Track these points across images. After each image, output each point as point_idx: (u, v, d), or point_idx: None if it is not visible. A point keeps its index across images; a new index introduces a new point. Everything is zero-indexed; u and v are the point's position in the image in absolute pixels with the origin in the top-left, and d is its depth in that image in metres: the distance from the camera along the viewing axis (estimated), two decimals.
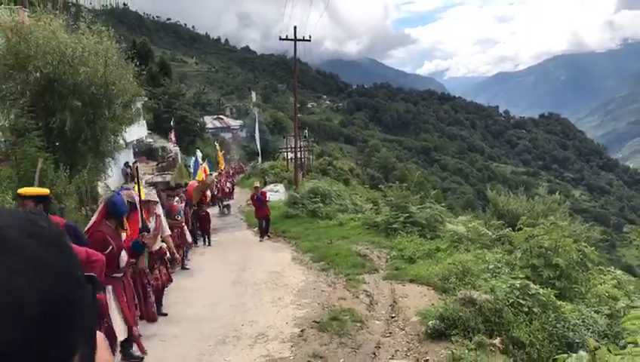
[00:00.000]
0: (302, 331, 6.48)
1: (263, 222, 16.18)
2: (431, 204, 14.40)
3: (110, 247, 5.07)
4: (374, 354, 5.69)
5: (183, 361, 5.68)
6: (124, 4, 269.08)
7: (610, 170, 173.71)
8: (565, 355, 3.27)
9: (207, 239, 15.61)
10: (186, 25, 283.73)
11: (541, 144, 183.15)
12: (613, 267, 10.32)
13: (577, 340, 5.41)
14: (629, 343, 3.06)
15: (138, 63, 19.23)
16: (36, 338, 0.51)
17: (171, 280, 8.04)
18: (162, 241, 7.74)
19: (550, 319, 5.90)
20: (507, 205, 19.56)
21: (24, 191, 4.78)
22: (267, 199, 16.81)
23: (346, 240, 13.17)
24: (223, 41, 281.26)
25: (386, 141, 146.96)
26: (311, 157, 51.19)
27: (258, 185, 18.24)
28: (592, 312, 6.11)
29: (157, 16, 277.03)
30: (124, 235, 5.62)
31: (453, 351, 5.35)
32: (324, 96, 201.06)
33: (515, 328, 5.80)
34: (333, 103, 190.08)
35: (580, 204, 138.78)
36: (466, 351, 5.31)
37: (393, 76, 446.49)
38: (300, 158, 41.24)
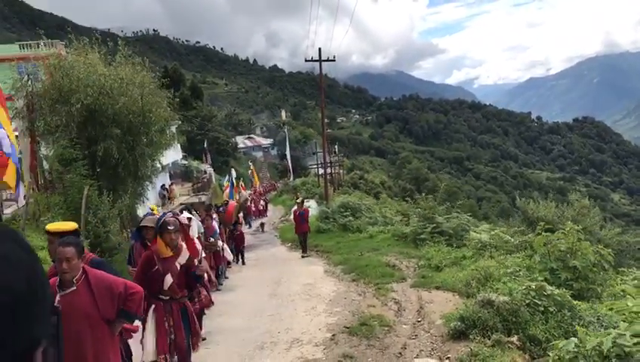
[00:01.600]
0: (333, 335, 7.03)
1: (303, 237, 16.39)
2: (457, 214, 14.79)
3: (155, 267, 5.17)
4: (400, 353, 6.18)
5: None
6: (155, 30, 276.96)
7: None
8: (560, 341, 3.73)
9: (241, 258, 16.05)
10: (214, 47, 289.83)
11: (576, 148, 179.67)
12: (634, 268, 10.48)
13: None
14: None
15: (171, 89, 20.26)
16: (1, 325, 0.55)
17: (212, 303, 7.92)
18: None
19: (566, 317, 6.29)
20: (536, 212, 19.69)
21: (52, 227, 4.73)
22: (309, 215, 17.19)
23: (375, 252, 13.67)
24: (251, 61, 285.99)
25: (418, 152, 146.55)
26: (341, 171, 51.77)
27: (300, 201, 18.45)
28: (606, 309, 6.45)
29: (186, 40, 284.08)
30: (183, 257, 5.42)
31: (472, 348, 5.80)
32: (353, 111, 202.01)
33: (532, 326, 6.20)
34: (362, 117, 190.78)
35: (619, 208, 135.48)
36: (484, 348, 5.75)
37: (422, 87, 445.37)
38: (331, 174, 41.90)
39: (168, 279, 5.22)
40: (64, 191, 15.02)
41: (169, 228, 5.28)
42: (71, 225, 4.79)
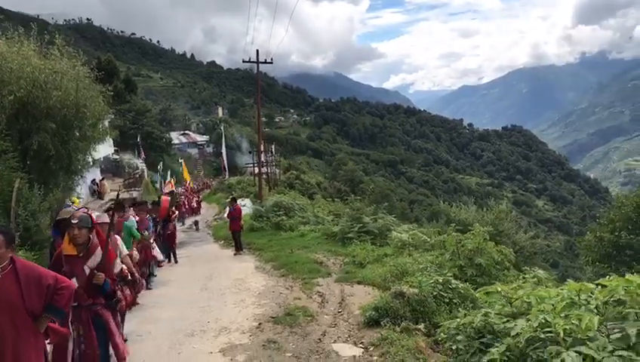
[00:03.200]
0: (259, 324, 7.58)
1: (237, 235, 16.47)
2: (383, 215, 15.66)
3: (63, 269, 4.63)
4: (320, 339, 6.80)
5: (158, 350, 6.69)
6: (88, 19, 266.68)
7: (572, 181, 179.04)
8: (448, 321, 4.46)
9: (174, 257, 15.62)
10: (150, 40, 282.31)
11: (505, 156, 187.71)
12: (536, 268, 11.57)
13: None
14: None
15: (105, 82, 20.02)
16: None
17: (137, 303, 7.84)
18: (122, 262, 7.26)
19: (468, 308, 7.11)
20: (458, 215, 21.01)
21: None
22: (242, 214, 17.31)
23: (305, 250, 14.31)
24: (189, 55, 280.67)
25: (354, 154, 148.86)
26: (277, 171, 52.21)
27: (230, 199, 18.53)
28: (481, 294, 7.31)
29: (121, 32, 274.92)
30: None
31: (383, 334, 6.51)
32: (292, 110, 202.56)
33: (437, 315, 6.98)
34: (300, 117, 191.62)
35: (543, 213, 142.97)
36: (394, 333, 6.47)
37: (360, 90, 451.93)
38: (267, 173, 42.26)
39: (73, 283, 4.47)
40: None
41: (72, 221, 4.78)
42: None
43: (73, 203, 6.91)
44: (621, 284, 3.15)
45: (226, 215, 18.69)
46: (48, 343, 4.08)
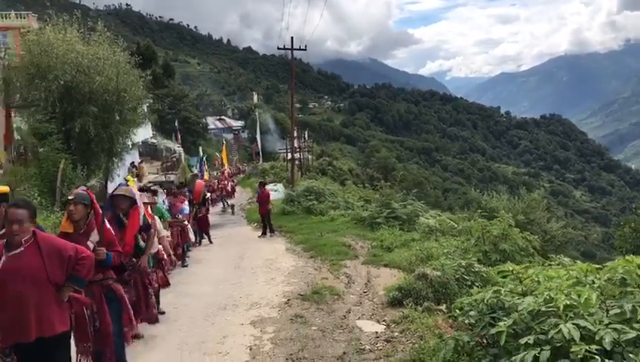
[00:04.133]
0: (288, 300, 7.97)
1: (265, 218, 16.74)
2: (412, 201, 15.86)
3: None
4: (344, 316, 7.14)
5: (194, 321, 7.15)
6: (127, 5, 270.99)
7: (612, 171, 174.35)
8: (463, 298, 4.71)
9: (207, 237, 15.89)
10: (188, 25, 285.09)
11: (542, 145, 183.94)
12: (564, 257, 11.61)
13: None
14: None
15: (143, 67, 20.66)
16: None
17: (169, 284, 8.11)
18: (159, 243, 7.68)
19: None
20: (489, 203, 20.93)
21: None
22: (270, 198, 17.65)
23: (334, 234, 14.65)
24: (225, 41, 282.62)
25: (387, 141, 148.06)
26: (310, 157, 52.65)
27: (262, 182, 18.90)
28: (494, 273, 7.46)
29: (160, 17, 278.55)
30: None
31: (405, 312, 6.80)
32: (326, 97, 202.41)
33: (459, 297, 7.21)
34: (334, 104, 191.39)
35: (580, 204, 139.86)
36: (415, 313, 6.75)
37: (395, 76, 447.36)
38: (299, 159, 42.74)
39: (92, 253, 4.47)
40: (39, 163, 15.55)
41: (69, 197, 4.83)
42: (3, 188, 4.77)
43: (128, 181, 7.29)
44: (621, 264, 3.36)
45: (255, 199, 19.18)
46: (72, 311, 4.15)
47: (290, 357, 5.59)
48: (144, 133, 36.91)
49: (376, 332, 6.37)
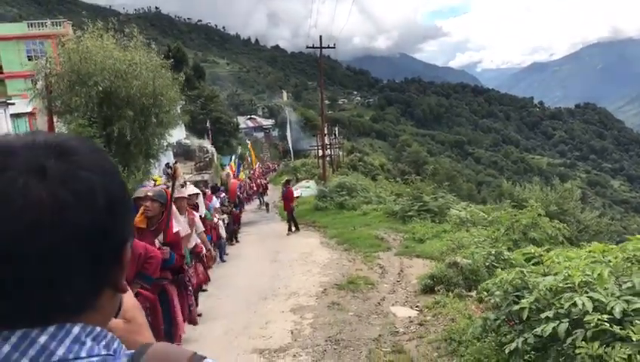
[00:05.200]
0: (324, 290, 8.38)
1: (290, 215, 17.18)
2: (443, 194, 16.10)
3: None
4: (379, 303, 7.51)
5: (237, 309, 7.63)
6: (156, 8, 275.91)
7: None
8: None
9: (234, 237, 15.94)
10: (216, 26, 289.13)
11: (578, 135, 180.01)
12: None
13: None
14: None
15: (175, 69, 21.27)
16: (103, 222, 0.67)
17: (209, 279, 8.12)
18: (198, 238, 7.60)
19: None
20: (521, 194, 20.96)
21: None
22: (294, 195, 18.04)
23: (367, 227, 15.03)
24: (253, 40, 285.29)
25: (418, 135, 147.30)
26: (341, 153, 52.96)
27: (284, 181, 19.53)
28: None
29: (188, 18, 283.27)
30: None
31: (437, 298, 7.13)
32: (355, 93, 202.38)
33: None
34: (364, 99, 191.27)
35: (619, 194, 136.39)
36: (447, 299, 7.07)
37: (425, 70, 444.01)
38: (330, 155, 43.11)
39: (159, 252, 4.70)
40: None
41: (148, 194, 5.03)
42: None
43: (156, 181, 7.44)
44: (632, 243, 3.64)
45: (280, 197, 19.71)
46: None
47: (329, 339, 5.99)
48: (178, 134, 37.83)
49: (410, 317, 6.72)
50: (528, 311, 3.89)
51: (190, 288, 6.27)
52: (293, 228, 16.89)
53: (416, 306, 7.25)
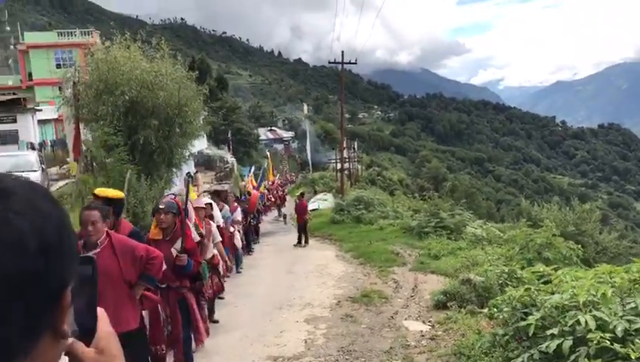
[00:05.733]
0: (338, 302, 8.56)
1: (302, 228, 17.39)
2: (460, 211, 16.17)
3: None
4: (392, 317, 7.65)
5: (253, 318, 7.84)
6: (182, 19, 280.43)
7: None
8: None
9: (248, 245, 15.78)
10: (240, 38, 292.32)
11: (600, 155, 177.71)
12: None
13: None
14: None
15: (198, 80, 21.65)
16: (35, 267, 0.65)
17: (223, 289, 8.15)
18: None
19: None
20: (539, 214, 20.90)
21: (99, 191, 4.80)
22: (307, 209, 18.29)
23: (383, 242, 15.16)
24: (276, 53, 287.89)
25: (438, 151, 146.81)
26: (359, 167, 53.15)
27: (298, 194, 19.95)
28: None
29: (213, 30, 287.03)
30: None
31: (449, 314, 7.25)
32: (376, 107, 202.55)
33: None
34: (384, 113, 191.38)
35: None
36: (459, 315, 7.19)
37: (446, 86, 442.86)
38: (348, 169, 43.33)
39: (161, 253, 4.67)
40: (107, 173, 16.74)
41: (160, 207, 5.10)
42: (117, 193, 4.83)
43: (189, 193, 7.15)
44: (636, 265, 3.76)
45: (293, 209, 19.94)
46: (142, 309, 4.40)
47: (341, 350, 6.16)
48: (200, 144, 38.30)
49: (422, 331, 6.86)
50: (535, 328, 4.02)
51: (203, 301, 6.34)
52: (303, 241, 17.02)
53: (429, 321, 7.38)
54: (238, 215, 13.62)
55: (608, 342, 3.28)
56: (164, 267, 4.48)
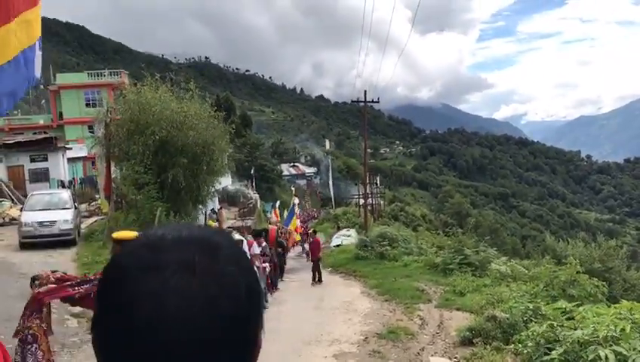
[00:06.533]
0: (365, 338, 8.72)
1: (315, 265, 17.58)
2: (484, 248, 16.25)
3: None
4: (419, 353, 7.80)
5: (282, 353, 8.02)
6: (206, 57, 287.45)
7: None
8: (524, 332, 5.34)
9: (273, 282, 15.97)
10: (263, 76, 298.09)
11: (627, 190, 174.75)
12: None
13: None
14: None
15: (224, 118, 22.25)
16: (246, 311, 0.73)
17: None
18: None
19: None
20: (565, 250, 20.78)
21: (118, 235, 4.95)
22: (320, 246, 18.67)
23: (408, 278, 15.26)
24: (298, 90, 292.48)
25: (461, 186, 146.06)
26: (382, 202, 53.27)
27: (311, 231, 20.27)
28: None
29: (236, 68, 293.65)
30: None
31: (475, 351, 7.38)
32: (397, 142, 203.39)
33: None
34: (406, 149, 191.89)
35: None
36: (485, 351, 7.31)
37: (468, 121, 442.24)
38: (371, 204, 43.51)
39: None
40: (137, 211, 17.29)
41: None
42: (134, 234, 5.04)
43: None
44: None
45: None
46: None
47: None
48: (225, 180, 39.01)
49: None
50: None
51: None
52: (317, 279, 17.09)
53: (455, 357, 7.52)
54: (257, 250, 13.80)
55: None
56: None
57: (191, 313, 0.68)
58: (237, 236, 9.46)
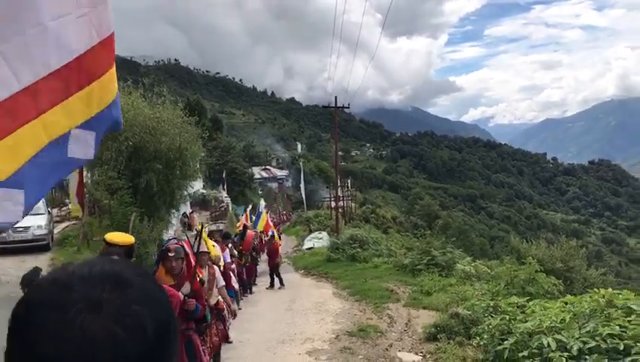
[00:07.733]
0: (337, 336, 9.14)
1: (274, 270, 17.34)
2: (451, 249, 16.88)
3: None
4: (387, 349, 8.24)
5: (257, 352, 8.40)
6: (176, 60, 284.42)
7: None
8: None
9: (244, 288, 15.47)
10: (233, 78, 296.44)
11: (592, 191, 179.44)
12: None
13: None
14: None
15: (194, 121, 22.29)
16: (152, 351, 0.72)
17: (228, 338, 7.79)
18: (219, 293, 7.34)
19: None
20: (528, 251, 21.59)
21: (112, 238, 4.77)
22: (279, 251, 18.49)
23: (378, 279, 15.77)
24: (269, 93, 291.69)
25: (431, 188, 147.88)
26: (353, 205, 53.85)
27: (271, 236, 20.48)
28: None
29: (206, 71, 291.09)
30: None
31: (439, 345, 7.87)
32: (368, 145, 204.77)
33: None
34: (376, 151, 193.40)
35: (635, 252, 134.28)
36: (448, 346, 7.80)
37: (437, 124, 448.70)
38: (343, 207, 44.05)
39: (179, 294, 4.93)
40: (111, 216, 17.36)
41: (169, 254, 5.07)
42: (128, 239, 4.80)
43: (206, 242, 6.88)
44: (590, 296, 4.46)
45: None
46: None
47: None
48: (197, 184, 38.90)
49: (414, 361, 7.45)
50: (509, 351, 4.70)
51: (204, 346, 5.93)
52: (278, 283, 16.86)
53: (421, 352, 7.99)
54: (227, 258, 13.41)
55: (565, 360, 3.95)
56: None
57: (92, 354, 0.68)
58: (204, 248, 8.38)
